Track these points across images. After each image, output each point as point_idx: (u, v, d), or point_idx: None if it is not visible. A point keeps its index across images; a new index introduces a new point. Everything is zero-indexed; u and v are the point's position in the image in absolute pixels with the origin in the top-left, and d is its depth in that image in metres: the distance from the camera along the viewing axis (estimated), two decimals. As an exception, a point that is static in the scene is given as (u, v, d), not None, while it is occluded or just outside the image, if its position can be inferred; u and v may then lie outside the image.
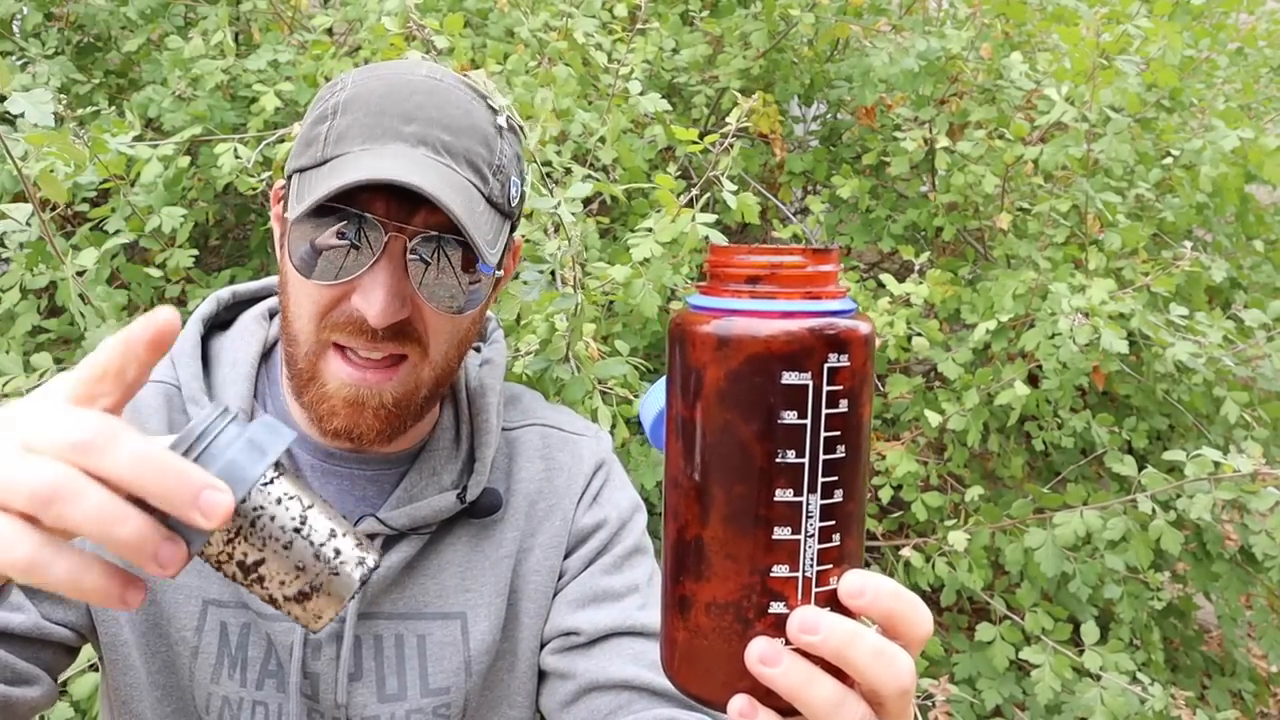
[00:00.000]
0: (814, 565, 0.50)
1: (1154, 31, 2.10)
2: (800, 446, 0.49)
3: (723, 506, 0.50)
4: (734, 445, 0.49)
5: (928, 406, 2.22)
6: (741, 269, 0.51)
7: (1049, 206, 2.23)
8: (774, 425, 0.49)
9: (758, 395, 0.49)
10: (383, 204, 0.82)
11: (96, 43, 2.42)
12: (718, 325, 0.49)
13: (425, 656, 0.95)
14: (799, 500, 0.49)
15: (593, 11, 1.99)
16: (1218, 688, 2.46)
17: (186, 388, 0.93)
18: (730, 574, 0.50)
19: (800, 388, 0.48)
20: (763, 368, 0.49)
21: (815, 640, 0.48)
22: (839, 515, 0.50)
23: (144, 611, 0.90)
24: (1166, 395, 2.28)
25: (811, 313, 0.50)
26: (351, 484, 0.95)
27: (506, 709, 1.00)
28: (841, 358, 0.49)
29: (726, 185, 1.47)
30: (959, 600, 2.41)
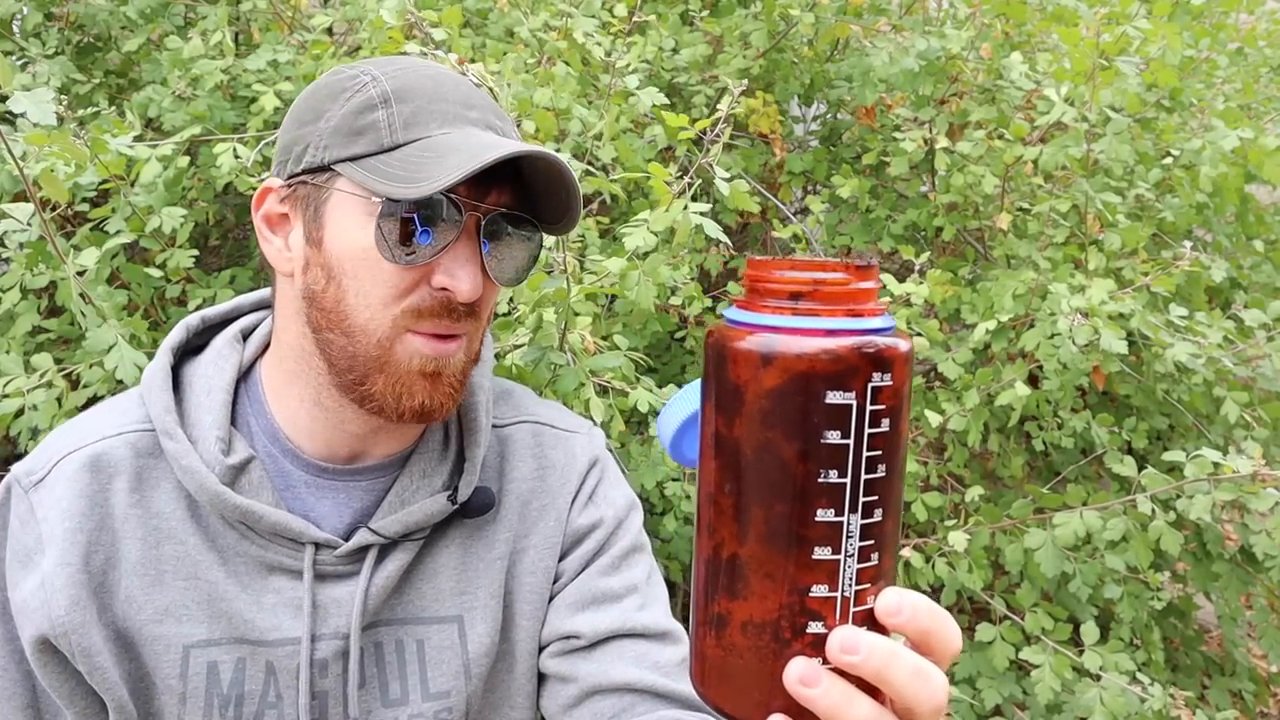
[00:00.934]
0: (853, 585, 0.49)
1: (1154, 32, 2.10)
2: (843, 467, 0.48)
3: (762, 525, 0.49)
4: (775, 464, 0.48)
5: (928, 406, 2.22)
6: (784, 285, 0.50)
7: (1049, 206, 2.23)
8: (816, 445, 0.48)
9: (801, 414, 0.48)
10: (464, 186, 0.85)
11: (96, 43, 2.42)
12: (760, 342, 0.49)
13: (425, 661, 0.95)
14: (840, 520, 0.49)
15: (592, 11, 1.99)
16: (1218, 688, 2.45)
17: (159, 421, 0.91)
18: (769, 593, 0.49)
19: (844, 407, 0.48)
20: (806, 387, 0.48)
21: (856, 660, 0.48)
22: (878, 534, 0.50)
23: (132, 665, 0.89)
24: (1166, 395, 2.28)
25: (855, 331, 0.49)
26: (347, 496, 0.95)
27: (508, 710, 1.00)
28: (885, 377, 0.49)
29: (719, 173, 1.46)
30: (959, 600, 2.41)
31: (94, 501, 0.89)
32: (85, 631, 0.86)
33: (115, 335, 1.50)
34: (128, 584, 0.89)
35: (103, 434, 0.92)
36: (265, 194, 0.94)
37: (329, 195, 0.87)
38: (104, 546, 0.89)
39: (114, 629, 0.88)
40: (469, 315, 0.88)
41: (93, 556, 0.88)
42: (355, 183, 0.85)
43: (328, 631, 0.91)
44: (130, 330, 1.53)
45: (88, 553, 0.88)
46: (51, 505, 0.89)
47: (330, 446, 0.94)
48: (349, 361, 0.87)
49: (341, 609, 0.91)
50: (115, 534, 0.89)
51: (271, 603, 0.90)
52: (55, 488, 0.90)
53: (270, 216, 0.94)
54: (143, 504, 0.90)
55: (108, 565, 0.89)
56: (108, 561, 0.89)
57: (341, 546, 0.92)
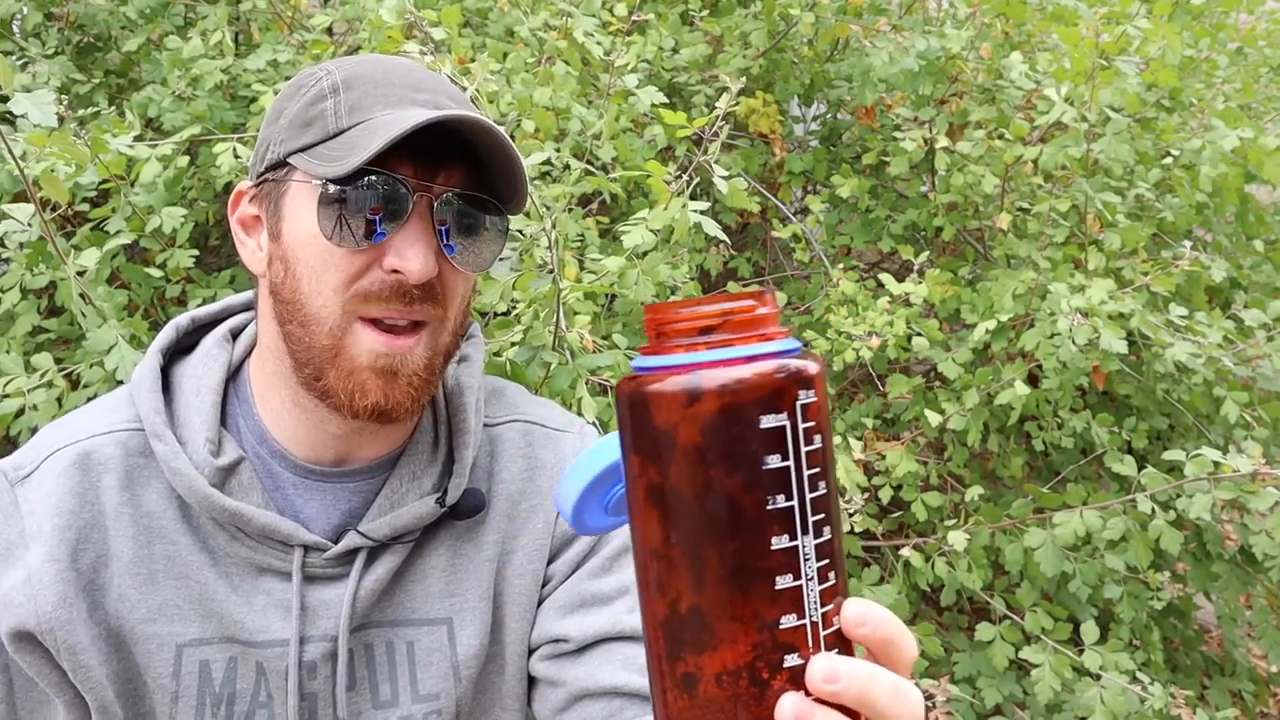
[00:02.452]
0: (819, 608, 0.49)
1: (1153, 31, 2.10)
2: (788, 489, 0.48)
3: (718, 567, 0.47)
4: (721, 500, 0.47)
5: (928, 406, 2.22)
6: (692, 321, 0.50)
7: (1049, 206, 2.23)
8: (759, 472, 0.47)
9: (738, 444, 0.47)
10: (409, 165, 0.84)
11: (96, 43, 2.42)
12: (682, 381, 0.48)
13: (415, 663, 0.94)
14: (795, 544, 0.48)
15: (592, 11, 1.99)
16: (1217, 688, 2.45)
17: (148, 422, 0.91)
18: (738, 636, 0.48)
19: (779, 430, 0.47)
20: (740, 415, 0.47)
21: (839, 689, 0.48)
22: (831, 552, 0.50)
23: (122, 663, 0.89)
24: (1166, 395, 2.28)
25: (772, 354, 0.49)
26: (335, 498, 0.94)
27: (499, 712, 0.99)
28: (809, 394, 0.49)
29: (718, 171, 1.46)
30: (959, 600, 2.41)
31: (84, 499, 0.89)
32: (72, 629, 0.86)
33: (115, 335, 1.50)
34: (120, 582, 0.88)
35: (92, 431, 0.92)
36: (239, 198, 0.94)
37: (286, 188, 0.88)
38: (94, 544, 0.89)
39: (105, 627, 0.88)
40: (426, 300, 0.86)
41: (82, 554, 0.88)
42: (304, 171, 0.86)
43: (316, 633, 0.91)
44: (130, 330, 1.53)
45: (76, 550, 0.87)
46: (39, 501, 0.89)
47: (315, 449, 0.94)
48: (306, 354, 0.87)
49: (330, 611, 0.91)
50: (106, 531, 0.89)
51: (261, 604, 0.90)
52: (44, 483, 0.89)
53: (244, 219, 0.94)
54: (133, 502, 0.90)
55: (98, 563, 0.88)
56: (99, 559, 0.88)
57: (331, 549, 0.92)
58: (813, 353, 0.51)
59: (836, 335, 2.04)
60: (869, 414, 2.32)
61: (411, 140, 0.82)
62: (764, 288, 0.49)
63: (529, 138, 1.66)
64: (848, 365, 2.01)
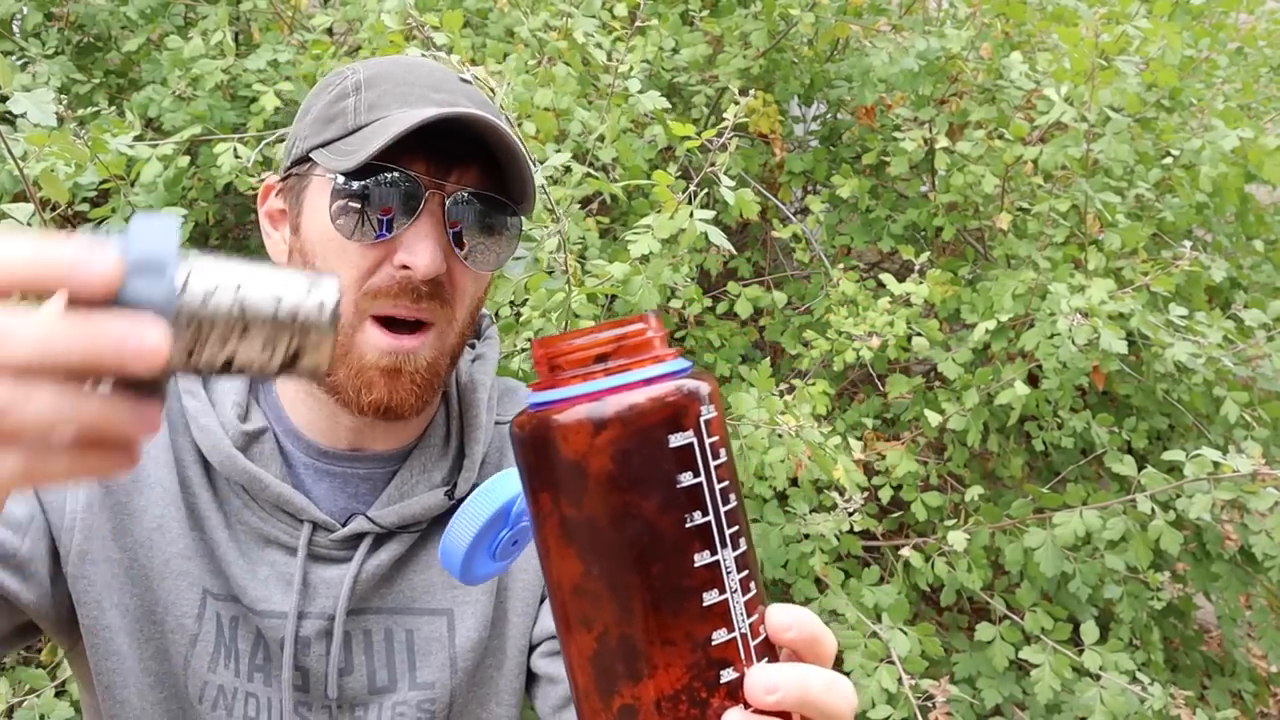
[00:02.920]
0: (745, 619, 0.49)
1: (1153, 31, 2.10)
2: (703, 505, 0.48)
3: (644, 592, 0.47)
4: (639, 525, 0.47)
5: (928, 406, 2.22)
6: (587, 350, 0.50)
7: (1049, 206, 2.23)
8: (675, 491, 0.47)
9: (651, 466, 0.47)
10: (422, 163, 0.85)
11: (96, 43, 2.42)
12: (586, 410, 0.47)
13: (413, 651, 0.95)
14: (716, 559, 0.48)
15: (592, 11, 1.99)
16: (1217, 688, 2.45)
17: (184, 380, 0.93)
18: (673, 660, 0.47)
19: (688, 447, 0.48)
20: (649, 437, 0.47)
21: (779, 698, 0.49)
22: (749, 562, 0.50)
23: (138, 598, 0.89)
24: (1166, 395, 2.28)
25: (669, 374, 0.49)
26: (345, 483, 0.96)
27: (494, 707, 1.00)
28: (710, 409, 0.49)
29: (725, 181, 1.47)
30: (959, 600, 2.41)
31: None
32: (89, 538, 0.87)
33: (115, 335, 1.50)
34: (151, 516, 0.89)
35: None
36: (267, 191, 0.96)
37: (308, 183, 0.89)
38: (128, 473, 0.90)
39: (129, 555, 0.89)
40: (434, 298, 0.87)
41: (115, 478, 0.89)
42: (323, 166, 0.87)
43: (314, 610, 0.92)
44: (130, 330, 1.53)
45: None
46: None
47: (329, 437, 0.95)
48: None
49: (330, 590, 0.92)
50: (145, 455, 0.90)
51: (265, 575, 0.91)
52: None
53: (271, 213, 0.96)
54: (172, 443, 0.92)
55: (133, 490, 0.89)
56: (133, 484, 0.90)
57: (338, 530, 0.93)
58: (703, 370, 0.51)
59: (836, 335, 2.05)
60: (869, 414, 2.32)
61: (426, 139, 0.83)
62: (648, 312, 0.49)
63: (530, 139, 1.66)
64: (848, 365, 2.01)
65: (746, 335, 2.42)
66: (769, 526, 1.97)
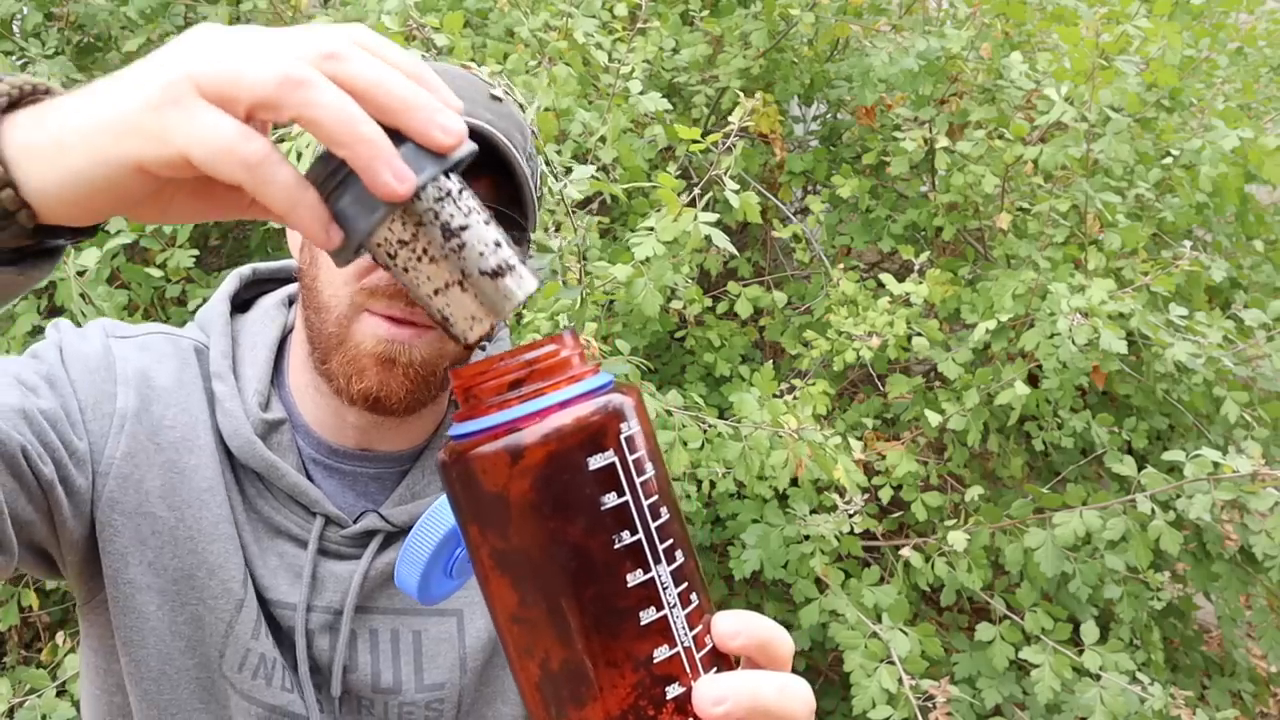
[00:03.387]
0: (688, 632, 0.49)
1: (1154, 31, 2.10)
2: (631, 524, 0.48)
3: (581, 617, 0.47)
4: (568, 551, 0.47)
5: (928, 406, 2.22)
6: (499, 378, 0.49)
7: (1049, 206, 2.23)
8: (600, 513, 0.47)
9: (572, 491, 0.47)
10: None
11: (97, 43, 2.42)
12: (504, 441, 0.47)
13: (421, 652, 0.95)
14: (651, 576, 0.48)
15: (593, 11, 1.99)
16: (1218, 688, 2.46)
17: (215, 363, 0.93)
18: (617, 681, 0.47)
19: (609, 467, 0.47)
20: (568, 461, 0.47)
21: (728, 708, 0.48)
22: (688, 575, 0.49)
23: (180, 559, 0.88)
24: (1166, 395, 2.28)
25: (585, 394, 0.48)
26: (354, 481, 0.96)
27: (500, 705, 1.00)
28: (630, 425, 0.48)
29: (729, 185, 1.47)
30: (959, 600, 2.41)
31: (180, 381, 0.90)
32: (124, 487, 0.86)
33: (115, 335, 1.50)
34: (203, 477, 0.89)
35: (193, 339, 0.95)
36: None
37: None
38: (182, 427, 0.89)
39: (176, 514, 0.87)
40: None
41: (163, 433, 0.88)
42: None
43: (320, 604, 0.92)
44: (130, 330, 1.53)
45: (158, 427, 0.88)
46: (133, 361, 0.89)
47: (337, 434, 0.95)
48: (317, 339, 0.89)
49: (338, 585, 0.92)
50: (195, 419, 0.90)
51: (274, 565, 0.91)
52: (145, 352, 0.91)
53: None
54: (212, 420, 0.92)
55: (184, 450, 0.89)
56: (184, 446, 0.89)
57: (349, 526, 0.93)
58: (626, 384, 0.51)
59: (836, 335, 2.05)
60: (869, 414, 2.32)
61: None
62: (563, 329, 0.48)
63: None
64: (848, 365, 2.01)
65: (746, 335, 2.42)
66: (769, 527, 1.97)
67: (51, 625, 2.25)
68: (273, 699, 0.89)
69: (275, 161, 0.45)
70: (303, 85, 0.44)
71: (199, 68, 0.45)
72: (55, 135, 0.47)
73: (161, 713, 0.89)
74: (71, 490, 0.84)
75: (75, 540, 0.86)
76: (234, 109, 0.45)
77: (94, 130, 0.46)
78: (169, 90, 0.45)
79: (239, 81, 0.44)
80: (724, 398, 2.13)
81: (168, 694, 0.89)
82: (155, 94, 0.45)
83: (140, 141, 0.45)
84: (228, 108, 0.45)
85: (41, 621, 2.29)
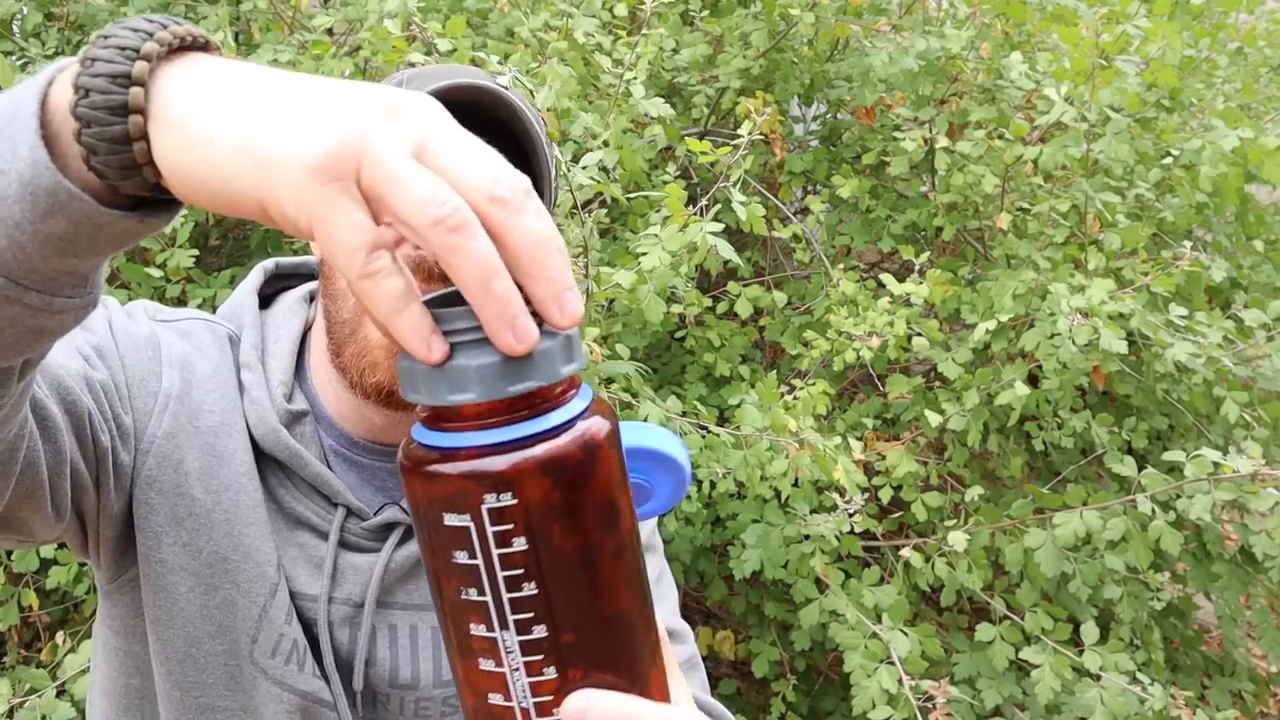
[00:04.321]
0: (529, 696, 0.48)
1: (1153, 31, 2.10)
2: (479, 585, 0.47)
3: (445, 628, 0.49)
4: (431, 578, 0.49)
5: (928, 406, 2.22)
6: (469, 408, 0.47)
7: (1049, 206, 2.23)
8: (449, 564, 0.47)
9: (431, 534, 0.47)
10: None
11: (97, 43, 2.41)
12: (413, 458, 0.47)
13: (439, 649, 0.95)
14: (493, 636, 0.47)
15: (593, 11, 1.99)
16: (1218, 688, 2.46)
17: (244, 354, 0.94)
18: (465, 693, 0.50)
19: (463, 529, 0.46)
20: (429, 506, 0.46)
21: None
22: (548, 649, 0.47)
23: (216, 542, 0.87)
24: (1166, 395, 2.28)
25: (474, 447, 0.45)
26: (372, 475, 0.96)
27: None
28: (503, 496, 0.45)
29: (736, 197, 1.47)
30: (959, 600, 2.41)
31: (219, 375, 0.91)
32: (163, 466, 0.86)
33: (116, 336, 1.50)
34: (240, 460, 0.89)
35: (227, 328, 0.95)
36: None
37: None
38: (220, 413, 0.89)
39: (214, 497, 0.87)
40: (446, 279, 0.85)
41: (203, 417, 0.88)
42: None
43: (340, 596, 0.92)
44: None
45: (199, 411, 0.88)
46: (176, 345, 0.90)
47: (359, 427, 0.95)
48: (333, 328, 0.89)
49: (359, 578, 0.92)
50: (236, 405, 0.90)
51: (294, 555, 0.91)
52: (188, 338, 0.91)
53: None
54: (241, 406, 0.92)
55: (221, 433, 0.89)
56: (222, 430, 0.89)
57: (370, 519, 0.93)
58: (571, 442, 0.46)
59: (836, 335, 2.05)
60: (869, 414, 2.32)
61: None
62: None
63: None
64: (848, 365, 2.01)
65: (746, 335, 2.42)
66: (769, 527, 1.97)
67: (51, 625, 2.25)
68: (305, 685, 0.89)
69: (388, 274, 0.44)
70: (457, 231, 0.43)
71: (373, 150, 0.43)
72: (209, 130, 0.45)
73: (185, 694, 0.88)
74: (117, 463, 0.84)
75: (113, 514, 0.86)
76: (378, 212, 0.44)
77: (247, 153, 0.44)
78: (334, 164, 0.43)
79: (397, 195, 0.43)
80: (724, 398, 2.13)
81: (192, 676, 0.88)
82: (320, 157, 0.43)
83: (281, 193, 0.44)
84: (375, 208, 0.44)
85: (41, 621, 2.29)
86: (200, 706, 0.88)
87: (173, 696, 0.88)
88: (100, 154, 0.46)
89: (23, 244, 0.48)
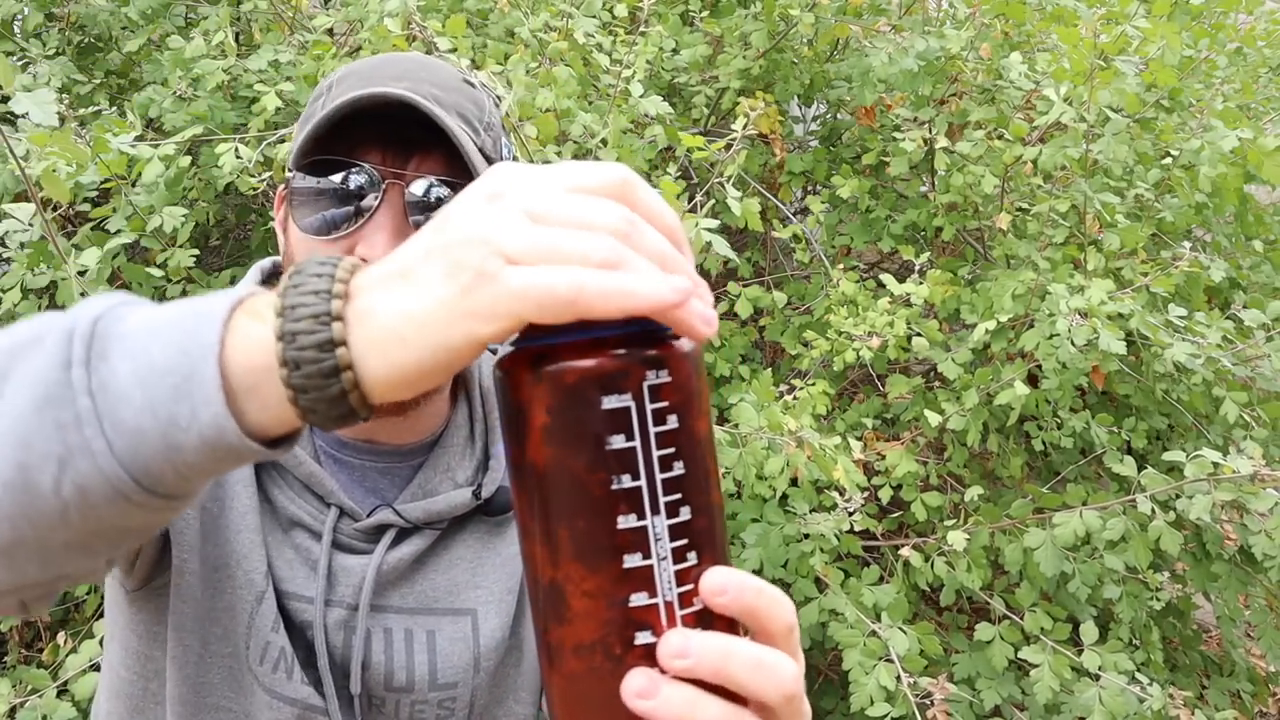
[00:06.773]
0: (673, 587, 0.48)
1: (1153, 32, 2.11)
2: (634, 469, 0.47)
3: (569, 544, 0.48)
4: (567, 479, 0.48)
5: (928, 406, 2.22)
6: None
7: (1048, 207, 2.23)
8: (604, 452, 0.47)
9: (581, 425, 0.47)
10: (378, 154, 0.83)
11: (97, 43, 2.42)
12: (535, 362, 0.48)
13: (435, 652, 0.95)
14: (644, 524, 0.47)
15: (593, 12, 1.99)
16: (1216, 688, 2.46)
17: None
18: (591, 612, 0.48)
19: (624, 410, 0.47)
20: (582, 397, 0.47)
21: (689, 664, 0.47)
22: (690, 533, 0.48)
23: (218, 548, 0.88)
24: (1166, 395, 2.28)
25: (625, 335, 0.48)
26: (362, 475, 0.96)
27: (512, 704, 1.00)
28: (660, 374, 0.48)
29: (731, 192, 1.47)
30: (959, 600, 2.42)
31: None
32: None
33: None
34: (234, 471, 0.89)
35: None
36: (280, 199, 0.97)
37: (291, 186, 0.90)
38: None
39: (219, 504, 0.88)
40: None
41: None
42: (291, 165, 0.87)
43: (334, 598, 0.92)
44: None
45: None
46: None
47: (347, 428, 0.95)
48: None
49: (351, 579, 0.92)
50: None
51: (289, 558, 0.91)
52: None
53: (280, 219, 0.97)
54: None
55: None
56: None
57: (363, 520, 0.93)
58: (672, 337, 0.50)
59: (836, 335, 2.05)
60: (869, 414, 2.33)
61: (381, 127, 0.82)
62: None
63: (531, 142, 1.66)
64: (848, 365, 2.01)
65: (746, 335, 2.42)
66: (769, 526, 1.97)
67: (52, 625, 2.26)
68: (294, 693, 0.89)
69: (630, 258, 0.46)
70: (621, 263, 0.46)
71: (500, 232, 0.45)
72: (391, 329, 0.47)
73: (195, 692, 0.89)
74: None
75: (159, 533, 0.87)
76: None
77: (425, 323, 0.46)
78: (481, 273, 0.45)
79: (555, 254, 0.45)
80: (723, 398, 2.13)
81: (203, 675, 0.89)
82: (469, 279, 0.45)
83: (473, 323, 0.45)
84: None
85: (42, 621, 2.30)
86: (208, 706, 0.89)
87: (186, 699, 0.89)
88: (310, 392, 0.48)
89: (188, 476, 0.51)
